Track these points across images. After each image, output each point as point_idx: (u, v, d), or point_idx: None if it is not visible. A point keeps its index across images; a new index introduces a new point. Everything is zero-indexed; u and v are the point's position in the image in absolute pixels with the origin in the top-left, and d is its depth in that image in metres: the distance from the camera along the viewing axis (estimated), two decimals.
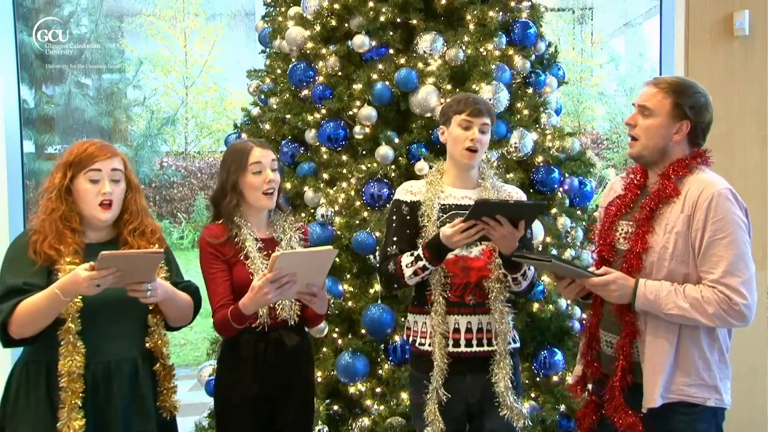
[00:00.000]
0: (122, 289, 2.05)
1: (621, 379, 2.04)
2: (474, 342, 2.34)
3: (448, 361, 2.31)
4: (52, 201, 2.13)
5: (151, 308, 2.19)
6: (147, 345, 2.19)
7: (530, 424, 2.39)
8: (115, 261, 1.95)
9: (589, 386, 2.21)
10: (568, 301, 2.77)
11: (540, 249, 3.13)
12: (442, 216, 2.34)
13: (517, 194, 2.45)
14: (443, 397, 2.30)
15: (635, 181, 2.17)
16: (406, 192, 2.44)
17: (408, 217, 2.39)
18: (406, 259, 2.33)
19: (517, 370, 2.42)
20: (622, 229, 2.13)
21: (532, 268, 2.35)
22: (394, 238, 2.41)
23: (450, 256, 2.32)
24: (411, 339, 2.44)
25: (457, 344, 2.33)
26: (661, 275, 2.03)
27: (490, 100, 3.07)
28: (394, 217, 2.43)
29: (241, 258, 2.33)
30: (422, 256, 2.29)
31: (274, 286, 2.12)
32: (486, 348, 2.34)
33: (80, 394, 2.04)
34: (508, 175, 2.99)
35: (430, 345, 2.35)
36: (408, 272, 2.32)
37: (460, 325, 2.34)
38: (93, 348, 2.08)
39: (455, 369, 2.32)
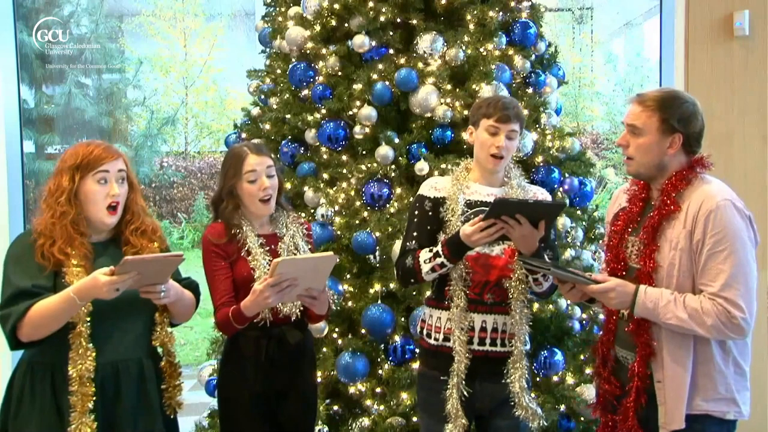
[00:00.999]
0: (129, 291, 2.04)
1: (635, 400, 2.03)
2: (487, 341, 2.33)
3: (469, 356, 2.30)
4: (62, 205, 2.11)
5: (158, 306, 2.20)
6: (154, 342, 2.20)
7: (546, 423, 2.38)
8: (136, 265, 1.96)
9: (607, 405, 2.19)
10: (569, 301, 2.77)
11: None
12: (467, 212, 2.33)
13: (541, 195, 2.43)
14: (465, 392, 2.29)
15: (638, 194, 2.16)
16: (430, 188, 2.43)
17: (430, 213, 2.39)
18: (424, 254, 2.33)
19: (530, 372, 2.42)
20: (633, 246, 2.12)
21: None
22: (414, 233, 2.40)
23: (471, 252, 2.31)
24: (425, 332, 2.42)
25: (470, 342, 2.32)
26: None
27: None
28: (416, 212, 2.42)
29: (243, 254, 2.34)
30: (441, 252, 2.28)
31: (275, 290, 2.14)
32: (498, 348, 2.34)
33: (92, 398, 2.04)
34: None
35: (444, 340, 2.34)
36: (426, 268, 2.32)
37: (475, 323, 2.33)
38: (101, 350, 2.09)
39: (467, 370, 2.31)
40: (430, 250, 2.32)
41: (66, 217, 2.10)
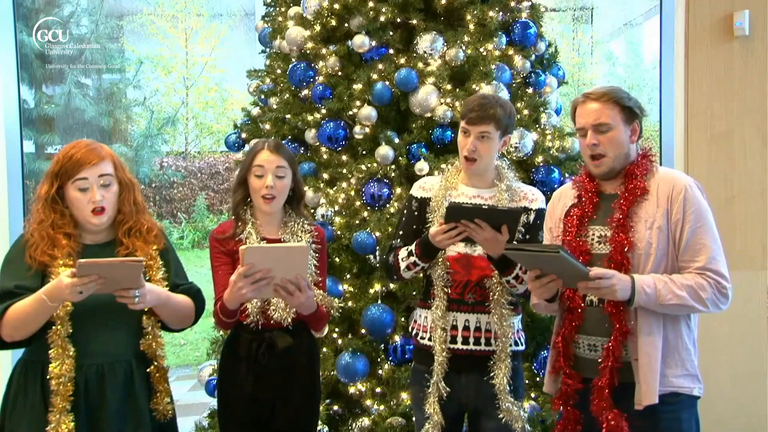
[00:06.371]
0: (112, 294, 2.02)
1: (609, 380, 2.05)
2: (471, 340, 2.34)
3: (447, 356, 2.31)
4: (40, 212, 2.12)
5: (145, 310, 2.16)
6: (141, 347, 2.17)
7: (529, 428, 2.37)
8: (93, 269, 1.92)
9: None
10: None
11: None
12: None
13: (533, 195, 2.41)
14: (443, 391, 2.31)
15: (590, 188, 2.20)
16: (418, 188, 2.46)
17: (416, 213, 2.41)
18: (402, 253, 2.37)
19: (519, 372, 2.41)
20: (595, 234, 2.15)
21: None
22: (400, 232, 2.45)
23: (453, 253, 2.33)
24: (414, 332, 2.46)
25: (453, 341, 2.34)
26: (647, 270, 2.06)
27: None
28: (405, 212, 2.47)
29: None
30: (413, 252, 2.32)
31: (248, 281, 2.11)
32: (483, 347, 2.34)
33: (70, 397, 2.03)
34: None
35: (430, 339, 2.36)
36: (402, 266, 2.36)
37: (458, 322, 2.35)
38: (86, 350, 2.07)
39: (451, 366, 2.33)
40: (407, 249, 2.35)
41: (45, 223, 2.10)
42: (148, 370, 2.19)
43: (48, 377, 2.03)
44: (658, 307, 2.02)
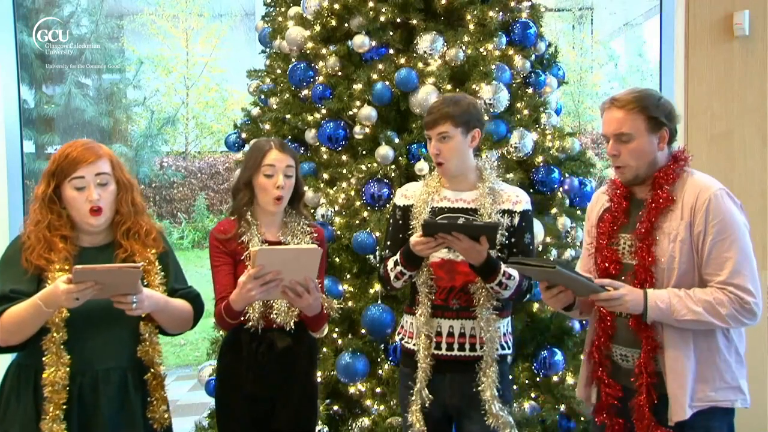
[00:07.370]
0: (109, 300, 2.00)
1: (647, 397, 2.01)
2: (455, 346, 2.33)
3: (431, 363, 2.31)
4: (37, 212, 2.09)
5: (143, 316, 2.12)
6: (138, 354, 2.14)
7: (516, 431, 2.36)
8: (90, 275, 1.89)
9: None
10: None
11: (540, 249, 3.13)
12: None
13: (516, 197, 2.37)
14: (426, 399, 2.30)
15: (621, 192, 2.15)
16: (400, 196, 2.45)
17: (401, 222, 2.41)
18: (390, 263, 2.36)
19: (505, 377, 2.38)
20: (626, 243, 2.11)
21: (515, 276, 2.28)
22: (388, 242, 2.44)
23: (436, 259, 2.32)
24: (400, 337, 2.47)
25: (438, 347, 2.33)
26: (671, 284, 2.02)
27: (489, 100, 3.07)
28: (391, 221, 2.46)
29: (244, 257, 2.32)
30: (399, 262, 2.31)
31: (258, 283, 2.10)
32: (468, 353, 2.33)
33: (63, 406, 2.00)
34: (508, 175, 2.99)
35: (414, 345, 2.36)
36: (392, 276, 2.36)
37: (442, 329, 2.33)
38: (80, 357, 2.04)
39: (435, 369, 2.32)
40: (393, 259, 2.35)
41: (42, 224, 2.07)
42: (144, 377, 2.16)
43: (42, 384, 2.01)
44: (674, 323, 1.98)
